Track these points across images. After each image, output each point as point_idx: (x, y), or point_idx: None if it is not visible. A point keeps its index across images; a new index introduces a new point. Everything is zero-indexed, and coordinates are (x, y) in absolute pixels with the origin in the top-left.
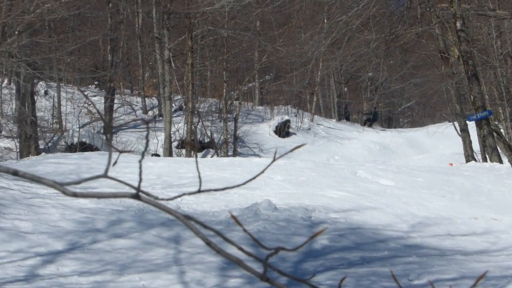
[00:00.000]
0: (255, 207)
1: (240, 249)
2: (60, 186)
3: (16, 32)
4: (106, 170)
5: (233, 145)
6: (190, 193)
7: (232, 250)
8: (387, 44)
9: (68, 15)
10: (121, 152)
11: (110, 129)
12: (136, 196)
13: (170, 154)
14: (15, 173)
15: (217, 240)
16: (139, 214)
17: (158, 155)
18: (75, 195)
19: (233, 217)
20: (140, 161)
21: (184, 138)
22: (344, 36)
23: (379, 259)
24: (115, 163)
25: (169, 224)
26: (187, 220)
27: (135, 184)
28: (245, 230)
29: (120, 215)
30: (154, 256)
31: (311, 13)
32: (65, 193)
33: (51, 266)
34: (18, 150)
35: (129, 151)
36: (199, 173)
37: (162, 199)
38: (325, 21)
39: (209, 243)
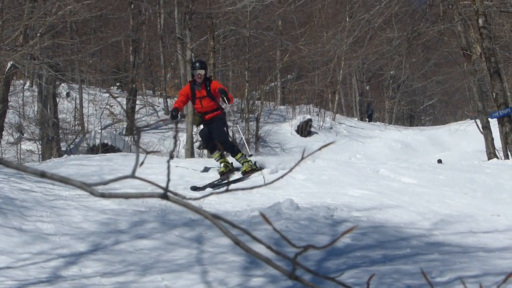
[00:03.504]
0: (277, 207)
1: (269, 248)
2: (87, 187)
3: (38, 34)
4: (134, 170)
5: (255, 145)
6: (218, 193)
7: (258, 249)
8: (409, 42)
9: (90, 16)
10: (148, 153)
11: (137, 130)
12: (164, 196)
13: (192, 155)
14: (43, 174)
15: (243, 239)
16: (162, 215)
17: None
18: (102, 195)
19: (262, 215)
20: (168, 161)
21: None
22: (366, 34)
23: (402, 257)
24: (142, 163)
25: (191, 224)
26: (216, 219)
27: (162, 184)
28: (274, 229)
29: (143, 216)
30: (177, 256)
31: (333, 11)
32: (93, 193)
33: (74, 268)
34: (40, 152)
35: (155, 152)
36: (228, 172)
37: (190, 199)
38: (347, 20)
39: (237, 242)
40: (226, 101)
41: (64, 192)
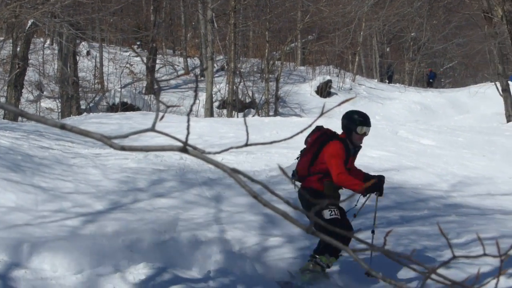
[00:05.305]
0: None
1: (287, 202)
2: (107, 140)
3: None
4: (154, 124)
5: (274, 105)
6: (237, 147)
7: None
8: (431, 3)
9: None
10: (168, 107)
11: (158, 84)
12: (183, 149)
13: (212, 114)
14: (63, 126)
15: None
16: (180, 174)
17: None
18: (123, 148)
19: (280, 168)
20: (188, 115)
21: (225, 98)
22: None
23: (419, 218)
24: (162, 117)
25: (210, 183)
26: (234, 173)
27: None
28: (293, 183)
29: (161, 174)
30: (195, 215)
31: None
32: (113, 146)
33: (92, 226)
34: (59, 110)
35: (176, 106)
36: (246, 127)
37: (209, 153)
38: None
39: (255, 196)
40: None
41: (83, 150)
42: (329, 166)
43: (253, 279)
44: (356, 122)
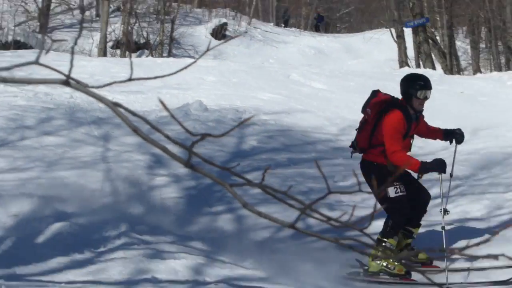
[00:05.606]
0: (186, 108)
1: (167, 136)
2: None
3: None
4: (38, 56)
5: (168, 47)
6: (121, 81)
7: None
8: None
9: None
10: (54, 41)
11: (47, 15)
12: (65, 83)
13: (105, 54)
14: None
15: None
16: (70, 112)
17: None
18: (4, 80)
19: (161, 102)
20: (72, 48)
21: (119, 38)
22: None
23: (306, 161)
24: (48, 50)
25: (99, 122)
26: (115, 107)
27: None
28: (172, 116)
29: (50, 112)
30: (82, 153)
31: None
32: None
33: None
34: None
35: (63, 40)
36: (131, 62)
37: (92, 87)
38: None
39: (135, 130)
40: None
41: None
42: (385, 142)
43: (137, 219)
44: (416, 86)
